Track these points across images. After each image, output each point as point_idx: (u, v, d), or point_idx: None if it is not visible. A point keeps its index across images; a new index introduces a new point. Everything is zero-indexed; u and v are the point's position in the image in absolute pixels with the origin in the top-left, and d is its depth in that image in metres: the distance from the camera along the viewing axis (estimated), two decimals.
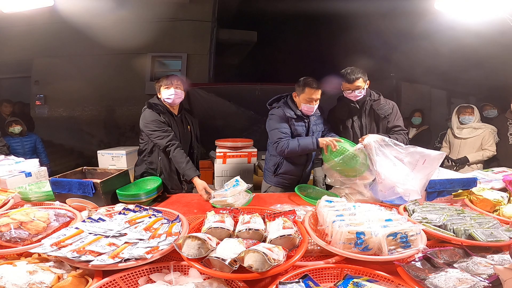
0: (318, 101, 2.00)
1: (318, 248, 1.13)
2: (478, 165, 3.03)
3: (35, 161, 2.10)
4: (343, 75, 2.04)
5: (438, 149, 3.38)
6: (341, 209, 1.24)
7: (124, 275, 0.96)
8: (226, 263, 0.89)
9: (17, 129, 3.71)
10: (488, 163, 3.01)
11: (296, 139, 1.98)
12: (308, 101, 1.96)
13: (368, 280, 0.93)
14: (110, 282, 0.93)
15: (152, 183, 1.92)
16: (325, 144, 1.82)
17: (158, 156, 2.04)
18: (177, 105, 2.11)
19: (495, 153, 2.99)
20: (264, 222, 1.19)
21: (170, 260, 1.06)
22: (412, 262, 0.98)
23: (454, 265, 0.96)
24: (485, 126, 3.04)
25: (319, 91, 1.97)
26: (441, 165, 2.82)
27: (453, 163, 3.08)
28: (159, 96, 2.05)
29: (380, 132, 2.06)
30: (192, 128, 2.18)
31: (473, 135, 3.03)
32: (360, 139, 1.75)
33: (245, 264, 0.89)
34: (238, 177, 1.76)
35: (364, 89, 2.01)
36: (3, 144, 3.15)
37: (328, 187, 2.19)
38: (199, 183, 1.88)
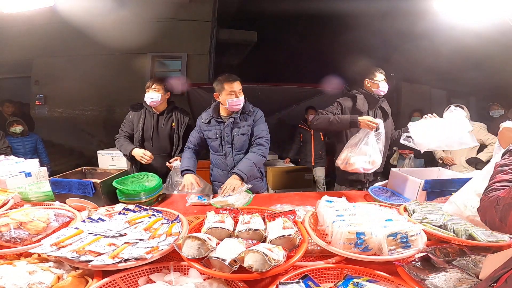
0: (242, 93, 1.93)
1: (318, 248, 1.13)
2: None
3: (35, 161, 2.10)
4: (373, 70, 2.16)
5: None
6: (341, 209, 1.24)
7: (124, 275, 0.96)
8: (226, 263, 0.89)
9: (18, 129, 3.71)
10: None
11: (184, 156, 2.05)
12: (230, 95, 1.89)
13: (368, 280, 0.93)
14: (110, 282, 0.93)
15: (151, 180, 1.91)
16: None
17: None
18: (160, 105, 2.29)
19: None
20: (264, 222, 1.19)
21: (170, 260, 1.06)
22: (412, 262, 0.98)
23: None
24: (474, 125, 3.08)
25: (238, 82, 1.91)
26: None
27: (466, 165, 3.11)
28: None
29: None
30: (177, 127, 2.33)
31: None
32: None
33: (245, 264, 0.89)
34: None
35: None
36: (6, 145, 3.16)
37: (328, 187, 2.19)
38: (136, 153, 2.14)
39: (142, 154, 2.12)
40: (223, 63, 7.12)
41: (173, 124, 2.31)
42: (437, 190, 1.63)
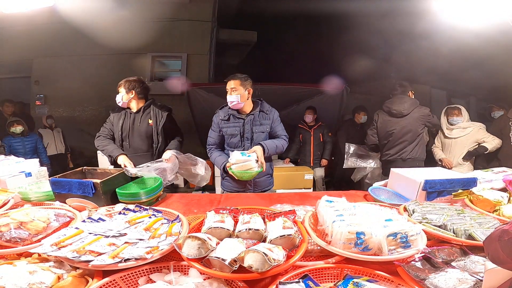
0: (235, 91, 2.03)
1: (318, 248, 1.13)
2: (466, 167, 3.07)
3: (35, 161, 2.10)
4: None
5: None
6: (341, 209, 1.24)
7: (124, 275, 0.96)
8: (226, 263, 0.89)
9: (18, 129, 3.72)
10: (489, 163, 3.02)
11: (215, 155, 2.14)
12: (227, 93, 2.05)
13: (368, 280, 0.93)
14: (110, 282, 0.93)
15: (152, 182, 1.92)
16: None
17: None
18: (132, 105, 2.33)
19: (501, 143, 3.03)
20: (264, 222, 1.19)
21: (170, 260, 1.06)
22: (412, 262, 0.98)
23: (452, 263, 0.96)
24: (473, 124, 3.09)
25: (235, 81, 2.03)
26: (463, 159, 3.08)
27: (470, 156, 3.14)
28: None
29: None
30: (154, 124, 2.33)
31: (463, 134, 3.09)
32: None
33: (245, 264, 0.89)
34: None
35: None
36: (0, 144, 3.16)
37: (328, 187, 2.21)
38: (121, 160, 2.08)
39: (123, 165, 2.06)
40: (223, 63, 7.12)
41: (150, 121, 2.31)
42: (437, 190, 1.63)
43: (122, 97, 2.28)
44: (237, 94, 2.02)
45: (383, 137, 3.09)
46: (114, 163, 2.17)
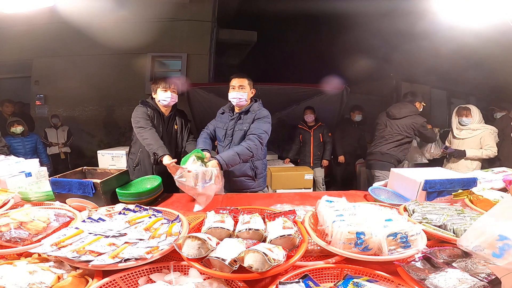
0: (243, 89, 2.05)
1: (318, 248, 1.13)
2: (475, 164, 3.04)
3: (35, 161, 2.10)
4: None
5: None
6: (341, 209, 1.24)
7: (124, 275, 0.96)
8: (226, 263, 0.89)
9: (19, 129, 3.72)
10: (490, 164, 3.01)
11: (201, 139, 2.13)
12: (232, 89, 2.07)
13: (368, 280, 0.93)
14: (110, 282, 0.93)
15: (152, 182, 1.92)
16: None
17: (139, 148, 2.21)
18: (169, 107, 2.26)
19: (496, 154, 2.99)
20: (264, 222, 1.19)
21: (170, 260, 1.06)
22: (412, 262, 0.98)
23: (453, 264, 0.96)
24: (484, 127, 3.03)
25: (244, 80, 2.06)
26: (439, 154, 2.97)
27: (449, 155, 3.18)
28: (154, 96, 2.21)
29: None
30: (179, 129, 2.32)
31: (470, 136, 3.06)
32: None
33: (245, 264, 0.89)
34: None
35: None
36: (3, 144, 3.16)
37: (328, 187, 2.21)
38: (167, 162, 1.90)
39: (171, 166, 1.86)
40: (223, 63, 7.13)
41: (176, 126, 2.31)
42: (437, 190, 1.63)
43: (176, 97, 2.23)
44: (245, 92, 2.07)
45: (375, 132, 3.41)
46: (156, 161, 2.07)
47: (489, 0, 2.22)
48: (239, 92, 2.05)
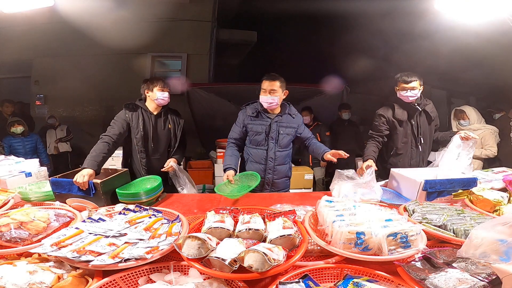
0: (274, 93, 2.01)
1: (318, 248, 1.13)
2: (476, 164, 3.03)
3: (35, 161, 2.10)
4: (399, 77, 2.19)
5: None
6: (341, 209, 1.24)
7: (124, 275, 0.96)
8: (226, 263, 0.89)
9: (19, 129, 3.71)
10: (490, 164, 3.02)
11: (227, 153, 2.11)
12: (263, 92, 2.03)
13: (368, 280, 0.93)
14: (110, 282, 0.93)
15: (152, 182, 1.92)
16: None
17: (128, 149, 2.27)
18: (153, 104, 2.25)
19: (496, 154, 2.99)
20: (264, 222, 1.19)
21: (170, 260, 1.06)
22: (412, 262, 0.98)
23: (453, 264, 0.96)
24: (485, 127, 3.03)
25: (275, 83, 2.01)
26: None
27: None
28: (148, 95, 2.22)
29: (432, 131, 2.28)
30: (173, 128, 2.31)
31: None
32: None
33: (245, 264, 0.89)
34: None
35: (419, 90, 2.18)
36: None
37: (328, 186, 2.21)
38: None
39: (80, 176, 1.66)
40: (223, 63, 7.12)
41: (170, 125, 2.31)
42: (437, 190, 1.63)
43: (169, 95, 2.23)
44: (277, 96, 2.03)
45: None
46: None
47: (489, 0, 2.21)
48: (270, 97, 2.01)
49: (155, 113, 2.25)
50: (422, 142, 2.22)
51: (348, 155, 1.95)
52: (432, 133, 2.28)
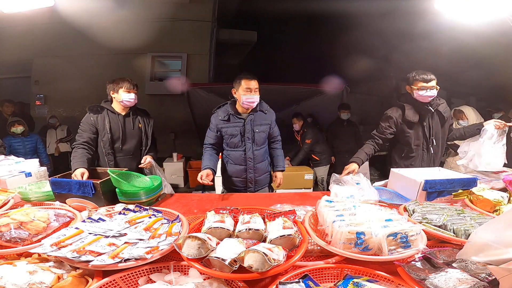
0: (257, 91, 2.02)
1: (318, 248, 1.13)
2: None
3: (35, 161, 2.10)
4: (416, 76, 2.01)
5: None
6: (341, 209, 1.24)
7: (124, 275, 0.96)
8: (226, 263, 0.89)
9: (19, 129, 3.71)
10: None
11: (205, 156, 2.09)
12: (247, 92, 1.99)
13: (368, 280, 0.93)
14: (110, 282, 0.93)
15: (152, 182, 1.91)
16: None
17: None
18: (128, 107, 2.26)
19: None
20: (264, 222, 1.19)
21: (170, 260, 1.06)
22: (412, 262, 0.98)
23: (453, 264, 0.96)
24: None
25: (256, 81, 2.01)
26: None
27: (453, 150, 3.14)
28: (113, 96, 2.21)
29: (445, 132, 2.19)
30: (144, 127, 2.31)
31: None
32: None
33: (245, 264, 0.89)
34: None
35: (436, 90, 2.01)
36: (0, 144, 3.16)
37: (327, 186, 2.21)
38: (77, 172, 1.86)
39: (74, 177, 1.83)
40: (223, 63, 7.12)
41: (140, 124, 2.30)
42: (437, 190, 1.63)
43: (136, 97, 2.23)
44: (258, 95, 2.03)
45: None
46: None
47: (489, 0, 2.21)
48: (254, 96, 2.00)
49: (123, 113, 2.24)
50: (434, 144, 2.12)
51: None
52: (446, 134, 2.18)
